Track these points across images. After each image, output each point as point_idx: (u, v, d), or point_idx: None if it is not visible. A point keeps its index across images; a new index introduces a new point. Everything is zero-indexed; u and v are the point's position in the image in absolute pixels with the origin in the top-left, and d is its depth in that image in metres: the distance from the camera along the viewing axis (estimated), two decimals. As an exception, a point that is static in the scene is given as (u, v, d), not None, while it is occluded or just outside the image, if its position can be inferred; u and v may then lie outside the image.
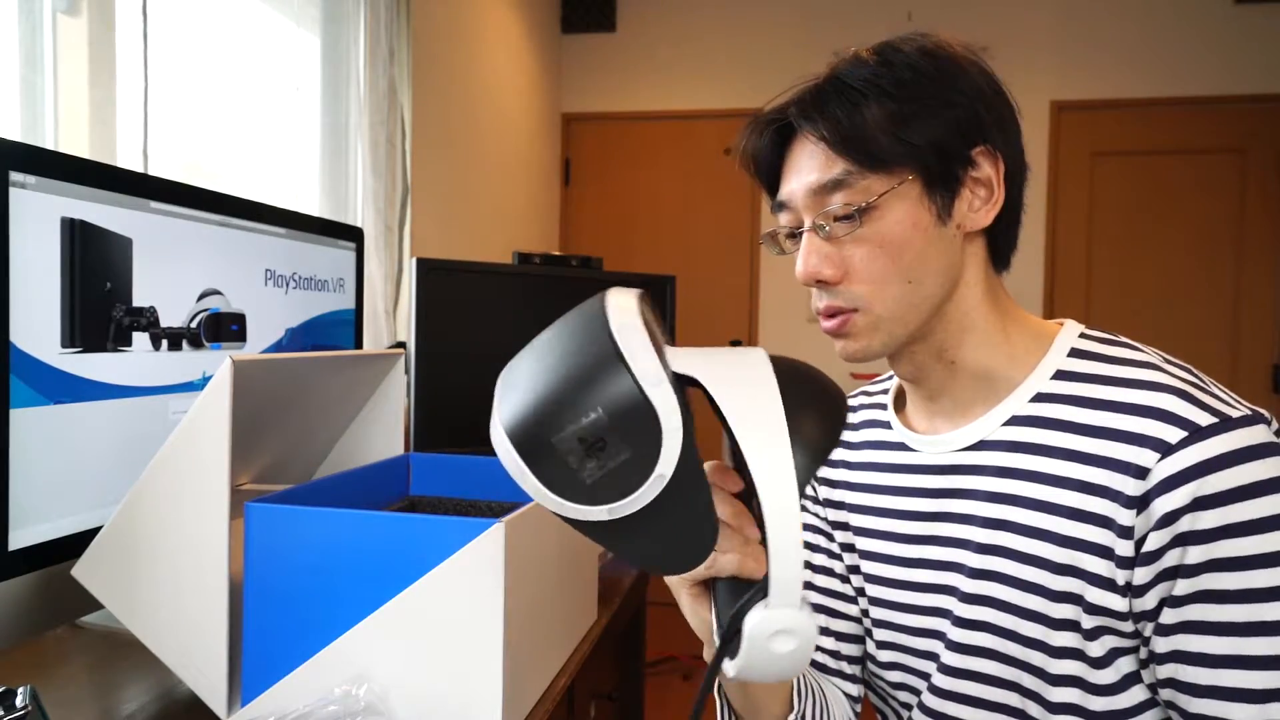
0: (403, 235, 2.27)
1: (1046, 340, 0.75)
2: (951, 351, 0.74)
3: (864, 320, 0.72)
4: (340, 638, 0.74)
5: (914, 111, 0.69)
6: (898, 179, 0.70)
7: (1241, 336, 3.48)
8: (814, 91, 0.73)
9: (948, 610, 0.75)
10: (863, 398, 0.91)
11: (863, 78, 0.70)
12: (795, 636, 0.53)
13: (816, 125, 0.71)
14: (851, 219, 0.70)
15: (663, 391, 0.47)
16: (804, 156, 0.73)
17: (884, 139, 0.69)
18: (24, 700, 0.62)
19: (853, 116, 0.70)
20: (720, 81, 3.84)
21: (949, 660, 0.75)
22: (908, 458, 0.80)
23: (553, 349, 0.50)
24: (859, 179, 0.70)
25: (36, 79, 1.27)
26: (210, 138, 1.73)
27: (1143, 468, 0.64)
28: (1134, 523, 0.64)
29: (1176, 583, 0.63)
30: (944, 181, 0.71)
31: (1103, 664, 0.68)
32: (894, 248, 0.70)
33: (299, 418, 1.03)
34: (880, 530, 0.82)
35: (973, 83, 0.71)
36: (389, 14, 2.17)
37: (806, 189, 0.72)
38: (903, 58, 0.71)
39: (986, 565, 0.72)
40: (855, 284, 0.72)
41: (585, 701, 1.15)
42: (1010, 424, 0.73)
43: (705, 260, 3.86)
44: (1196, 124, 3.50)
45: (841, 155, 0.70)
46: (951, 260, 0.72)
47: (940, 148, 0.70)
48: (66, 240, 0.83)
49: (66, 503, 0.84)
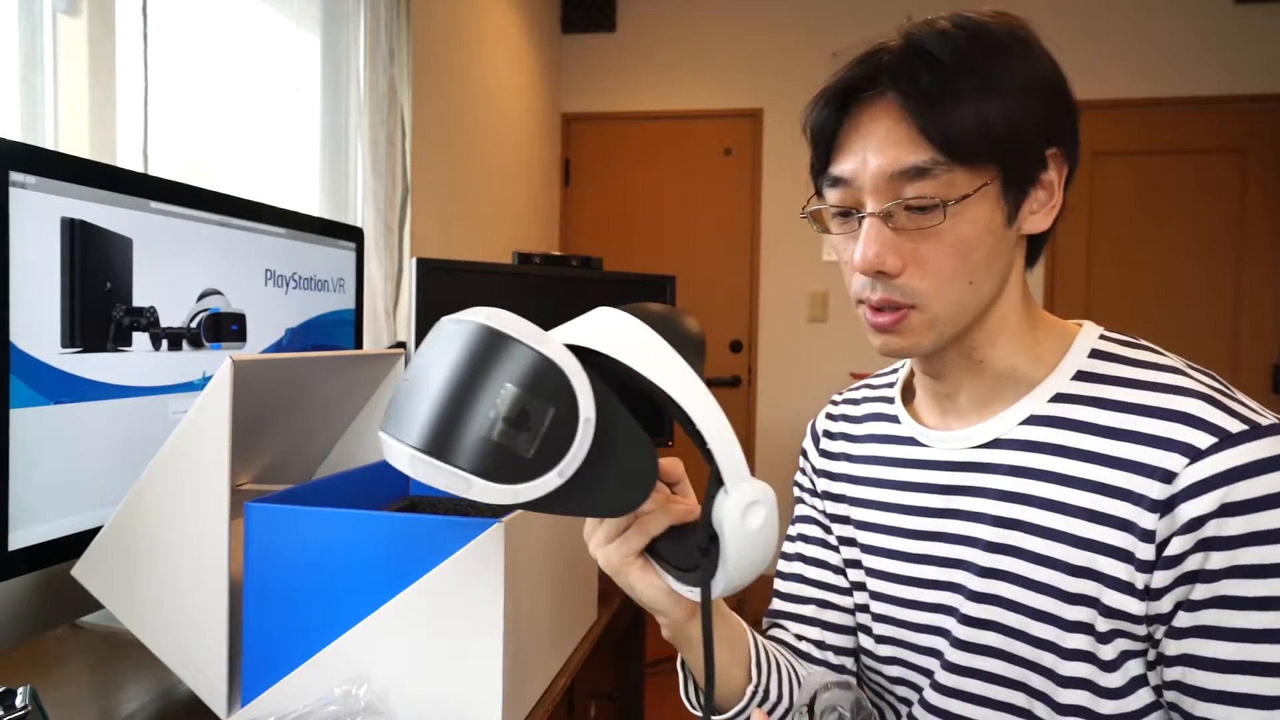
0: (403, 235, 2.27)
1: (1067, 341, 0.74)
2: (981, 350, 0.73)
3: (920, 319, 0.69)
4: (340, 638, 0.74)
5: (1005, 104, 0.65)
6: (982, 178, 0.65)
7: (1241, 336, 3.48)
8: (900, 59, 0.66)
9: (953, 608, 0.75)
10: (866, 390, 0.90)
11: (952, 50, 0.65)
12: (762, 504, 0.57)
13: (910, 100, 0.64)
14: (930, 212, 0.65)
15: (552, 346, 0.51)
16: (878, 133, 0.66)
17: (976, 131, 0.64)
18: (24, 700, 0.62)
19: (948, 99, 0.64)
20: (720, 81, 3.85)
21: (954, 658, 0.74)
22: (917, 453, 0.79)
23: (432, 363, 0.53)
24: (945, 170, 0.64)
25: (36, 79, 1.27)
26: (210, 138, 1.73)
27: (1169, 471, 0.63)
28: (1156, 526, 0.63)
29: (1195, 587, 0.63)
30: (1020, 183, 0.68)
31: (1113, 667, 0.67)
32: (965, 247, 0.67)
33: (299, 418, 1.03)
34: (885, 525, 0.81)
35: (1052, 72, 0.68)
36: (389, 14, 2.17)
37: (880, 171, 0.66)
38: (989, 35, 0.66)
39: (997, 564, 0.72)
40: (918, 279, 0.68)
41: (585, 701, 1.15)
42: (1027, 423, 0.72)
43: (705, 260, 3.86)
44: (1196, 124, 3.50)
45: (929, 140, 0.64)
46: (1008, 262, 0.71)
47: (1025, 147, 0.67)
48: (66, 240, 0.83)
49: (66, 503, 0.84)
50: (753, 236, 3.85)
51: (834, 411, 0.92)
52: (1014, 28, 0.68)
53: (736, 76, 3.83)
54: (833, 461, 0.88)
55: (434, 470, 0.50)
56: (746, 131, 3.84)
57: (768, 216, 3.82)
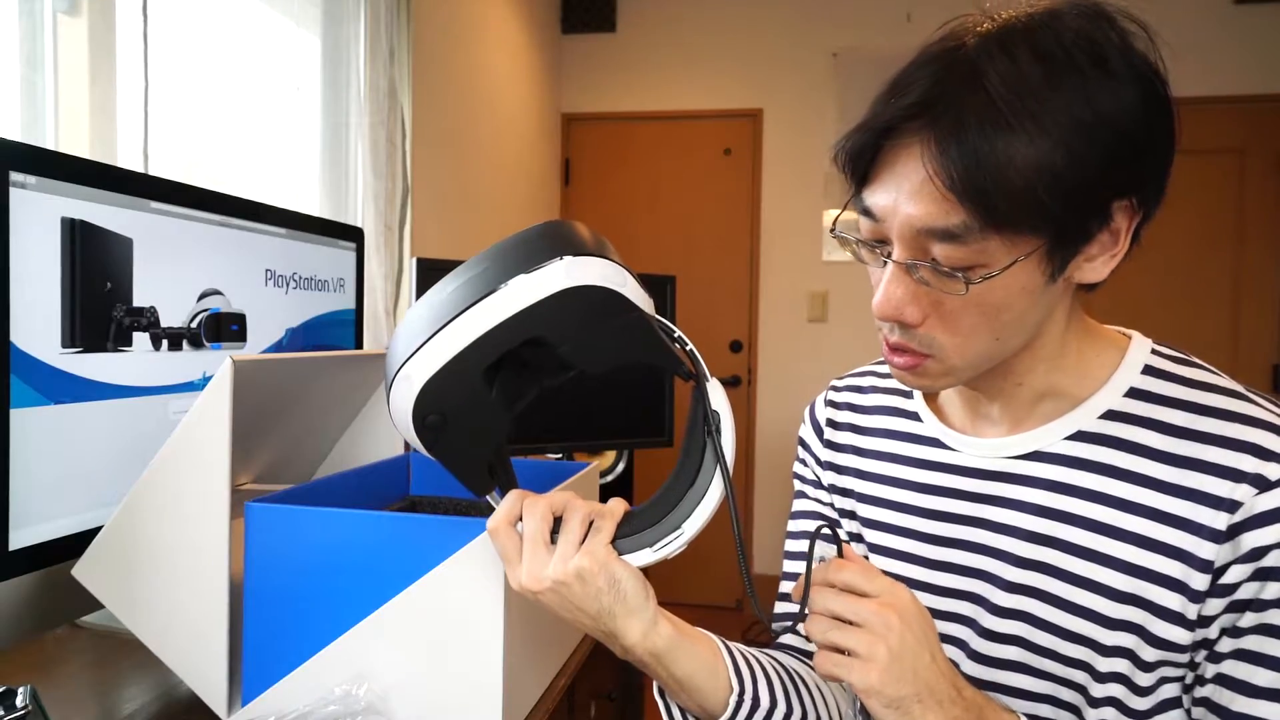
0: (403, 235, 2.27)
1: (1117, 354, 0.70)
2: (1020, 375, 0.70)
3: (937, 367, 0.66)
4: (340, 638, 0.74)
5: (1069, 164, 0.56)
6: (1024, 249, 0.58)
7: (1241, 336, 3.48)
8: (939, 89, 0.58)
9: (973, 619, 0.73)
10: (874, 379, 0.86)
11: (1011, 88, 0.56)
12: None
13: (945, 158, 0.57)
14: (954, 278, 0.60)
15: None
16: (912, 179, 0.59)
17: (1020, 196, 0.56)
18: (24, 700, 0.62)
19: (989, 155, 0.55)
20: (720, 81, 3.85)
21: (970, 670, 0.73)
22: (943, 455, 0.76)
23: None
24: (976, 237, 0.58)
25: (36, 79, 1.26)
26: (210, 137, 1.73)
27: (1235, 502, 0.61)
28: (1215, 555, 0.62)
29: (1244, 615, 0.62)
30: (1073, 243, 0.61)
31: (1147, 692, 0.66)
32: (993, 310, 0.62)
33: (299, 418, 1.03)
34: (898, 525, 0.78)
35: (1144, 112, 0.58)
36: (389, 14, 2.17)
37: (908, 223, 0.60)
38: (1063, 59, 0.56)
39: (1026, 580, 0.69)
40: (938, 333, 0.64)
41: (585, 701, 1.15)
42: (1075, 439, 0.69)
43: (705, 260, 3.86)
44: (1196, 124, 3.49)
45: (964, 203, 0.57)
46: (1048, 311, 0.66)
47: (1083, 208, 0.58)
48: (67, 240, 0.83)
49: (66, 503, 0.84)
50: (753, 236, 3.85)
51: (836, 399, 0.88)
52: (1100, 44, 0.58)
53: (736, 77, 3.83)
54: (839, 453, 0.85)
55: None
56: (746, 131, 3.84)
57: (768, 216, 3.82)
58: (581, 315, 0.57)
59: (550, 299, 0.56)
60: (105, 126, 1.36)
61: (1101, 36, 0.59)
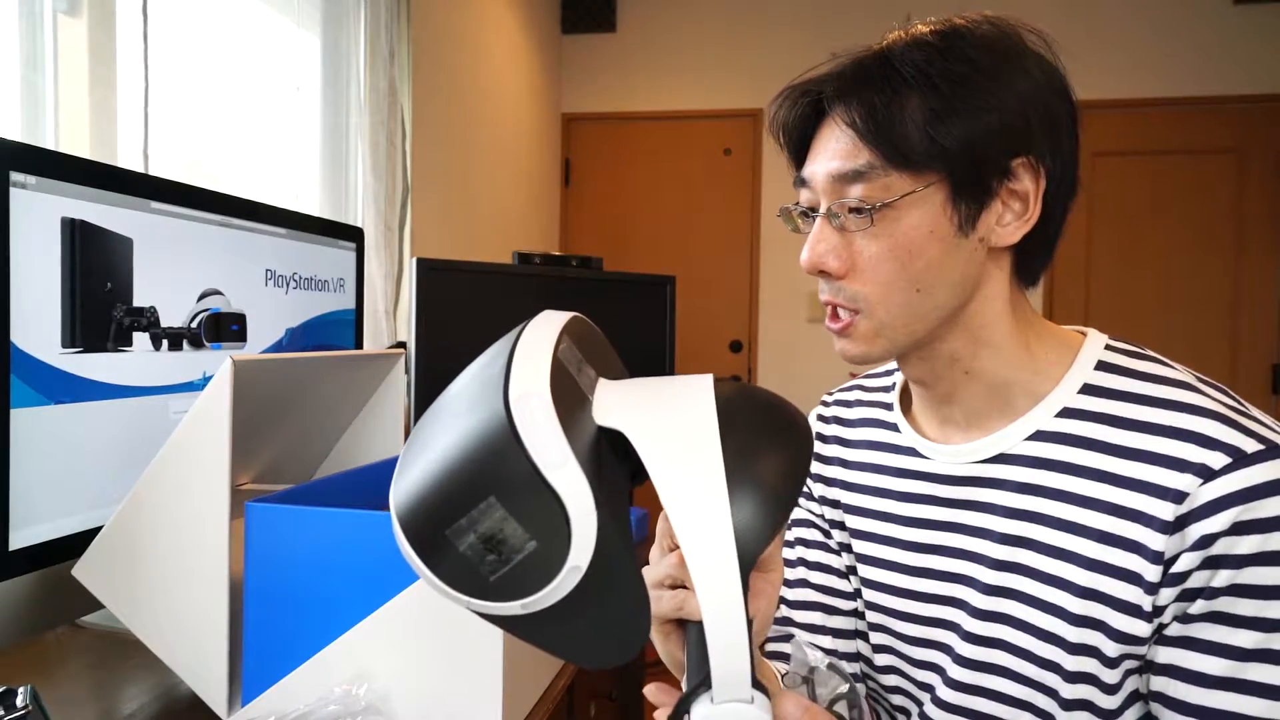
0: (403, 235, 2.28)
1: (1070, 352, 0.72)
2: (966, 362, 0.72)
3: (866, 325, 0.69)
4: (340, 638, 0.74)
5: (956, 110, 0.64)
6: (922, 181, 0.66)
7: (1241, 337, 3.48)
8: (855, 69, 0.68)
9: (956, 624, 0.73)
10: (859, 393, 0.88)
11: (913, 63, 0.65)
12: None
13: (849, 109, 0.67)
14: (864, 214, 0.67)
15: (567, 474, 0.41)
16: (832, 138, 0.69)
17: (916, 135, 0.64)
18: (24, 700, 0.62)
19: (889, 106, 0.65)
20: (720, 81, 3.85)
21: (956, 675, 0.73)
22: (919, 464, 0.78)
23: (454, 414, 0.45)
24: (881, 174, 0.66)
25: (36, 79, 1.27)
26: (210, 138, 1.73)
27: (1181, 492, 0.62)
28: (1165, 546, 0.62)
29: (1195, 602, 0.62)
30: (973, 190, 0.66)
31: (1115, 689, 0.66)
32: (905, 253, 0.67)
33: (299, 418, 1.03)
34: (882, 535, 0.80)
35: (1032, 83, 0.66)
36: (389, 14, 2.17)
37: (827, 174, 0.68)
38: (963, 47, 0.66)
39: (1003, 582, 0.70)
40: (859, 283, 0.68)
41: (585, 701, 1.15)
42: (1034, 439, 0.70)
43: (705, 260, 3.86)
44: (1195, 124, 3.51)
45: (869, 145, 0.66)
46: (969, 273, 0.69)
47: (975, 153, 0.65)
48: (67, 240, 0.83)
49: (67, 503, 0.84)
50: (753, 236, 3.85)
51: (825, 413, 0.90)
52: (993, 39, 0.67)
53: (736, 76, 3.83)
54: (827, 466, 0.87)
55: (399, 539, 0.43)
56: (746, 131, 3.84)
57: (768, 216, 3.82)
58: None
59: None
60: (105, 126, 1.36)
61: (1003, 31, 0.68)
